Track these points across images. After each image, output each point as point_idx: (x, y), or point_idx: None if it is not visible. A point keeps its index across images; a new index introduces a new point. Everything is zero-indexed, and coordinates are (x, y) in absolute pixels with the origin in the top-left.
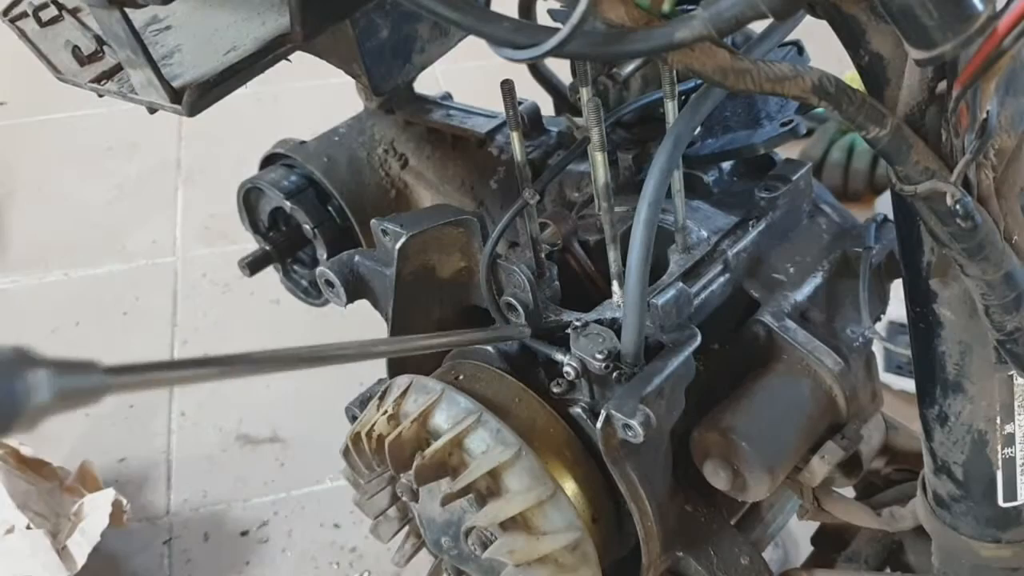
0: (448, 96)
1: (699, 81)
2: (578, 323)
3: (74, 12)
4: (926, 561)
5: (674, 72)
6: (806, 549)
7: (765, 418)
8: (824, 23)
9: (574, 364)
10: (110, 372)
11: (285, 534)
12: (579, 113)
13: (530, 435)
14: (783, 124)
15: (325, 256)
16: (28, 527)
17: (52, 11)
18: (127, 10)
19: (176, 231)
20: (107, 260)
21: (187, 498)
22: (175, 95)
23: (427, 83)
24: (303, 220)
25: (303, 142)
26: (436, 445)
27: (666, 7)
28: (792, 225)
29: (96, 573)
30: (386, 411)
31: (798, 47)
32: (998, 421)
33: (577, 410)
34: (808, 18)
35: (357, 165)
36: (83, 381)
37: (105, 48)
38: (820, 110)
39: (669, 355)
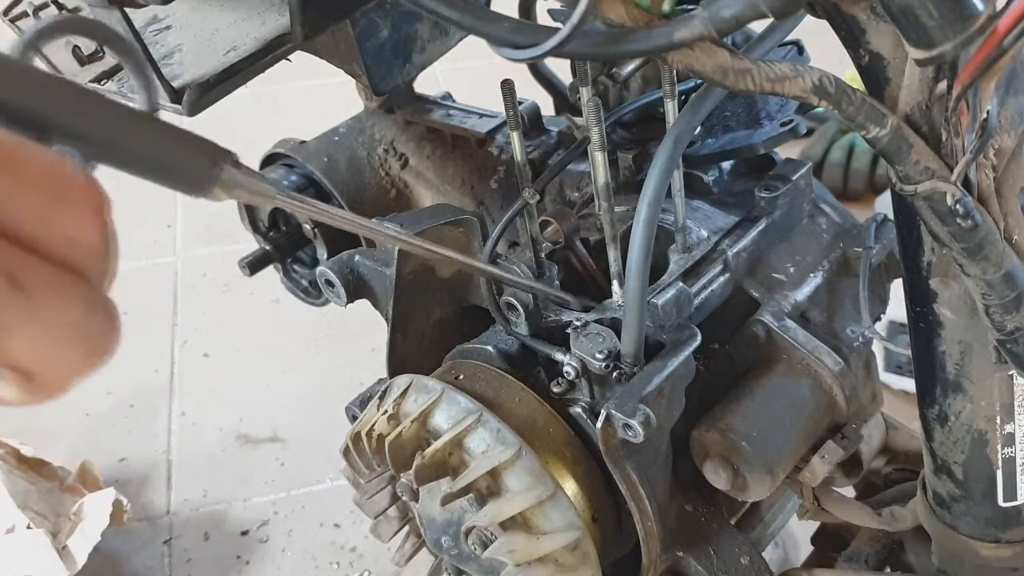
0: (448, 96)
1: (699, 81)
2: (578, 323)
3: (74, 12)
4: (926, 561)
5: (674, 72)
6: (806, 549)
7: (765, 418)
8: (824, 23)
9: (574, 364)
10: (280, 191)
11: (285, 534)
12: (579, 113)
13: (530, 435)
14: (783, 124)
15: (325, 256)
16: (28, 527)
17: (52, 11)
18: (127, 10)
19: (176, 231)
20: None
21: (187, 498)
22: (175, 95)
23: (427, 83)
24: (303, 220)
25: (303, 142)
26: (436, 445)
27: (666, 7)
28: (792, 225)
29: (96, 573)
30: (386, 411)
31: (798, 47)
32: (998, 421)
33: (577, 410)
34: (808, 18)
35: (357, 165)
36: (255, 184)
37: (105, 48)
38: (820, 110)
39: (669, 355)
